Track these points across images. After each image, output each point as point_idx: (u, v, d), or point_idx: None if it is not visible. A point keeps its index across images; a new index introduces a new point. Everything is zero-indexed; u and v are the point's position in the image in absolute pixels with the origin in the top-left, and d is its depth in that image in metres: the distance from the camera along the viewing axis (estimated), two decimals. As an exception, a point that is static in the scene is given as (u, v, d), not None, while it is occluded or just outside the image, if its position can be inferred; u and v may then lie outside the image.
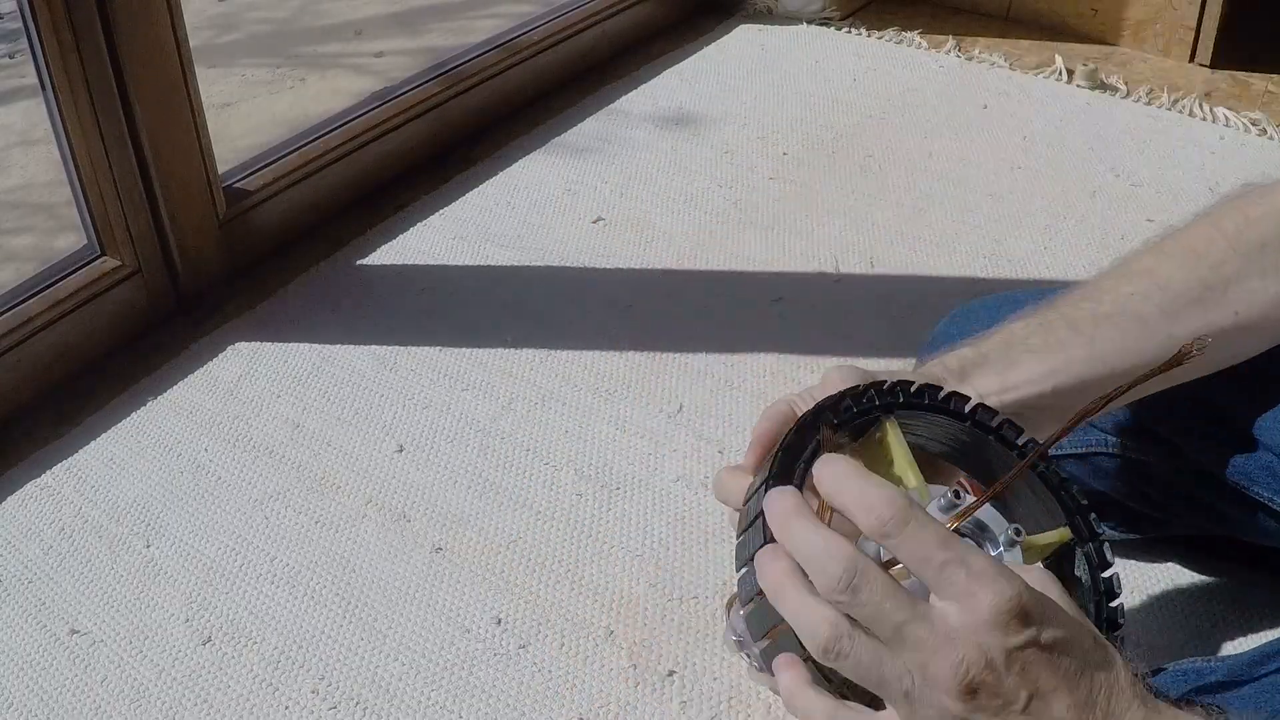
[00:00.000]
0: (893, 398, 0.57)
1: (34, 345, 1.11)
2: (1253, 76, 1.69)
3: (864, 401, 0.57)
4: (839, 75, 1.70)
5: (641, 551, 0.95)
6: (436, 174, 1.48)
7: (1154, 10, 1.75)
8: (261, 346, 1.19)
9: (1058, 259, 1.29)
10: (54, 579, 0.94)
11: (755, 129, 1.56)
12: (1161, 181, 1.43)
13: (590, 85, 1.68)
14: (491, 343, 1.19)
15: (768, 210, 1.39)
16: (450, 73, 1.55)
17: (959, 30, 1.84)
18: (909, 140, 1.53)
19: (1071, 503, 0.57)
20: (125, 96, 1.12)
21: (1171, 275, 0.65)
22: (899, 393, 0.57)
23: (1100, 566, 0.56)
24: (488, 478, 1.03)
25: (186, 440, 1.08)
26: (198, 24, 2.39)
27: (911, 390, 0.58)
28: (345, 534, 0.98)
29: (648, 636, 0.88)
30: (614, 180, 1.46)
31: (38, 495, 1.02)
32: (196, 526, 0.99)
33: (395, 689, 0.85)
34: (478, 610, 0.91)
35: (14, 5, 1.11)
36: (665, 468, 1.03)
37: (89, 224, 1.16)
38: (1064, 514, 0.57)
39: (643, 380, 1.13)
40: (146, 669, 0.87)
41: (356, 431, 1.08)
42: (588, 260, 1.32)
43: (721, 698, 0.83)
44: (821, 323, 1.20)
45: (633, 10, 1.77)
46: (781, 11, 1.86)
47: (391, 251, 1.34)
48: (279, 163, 1.35)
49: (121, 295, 1.18)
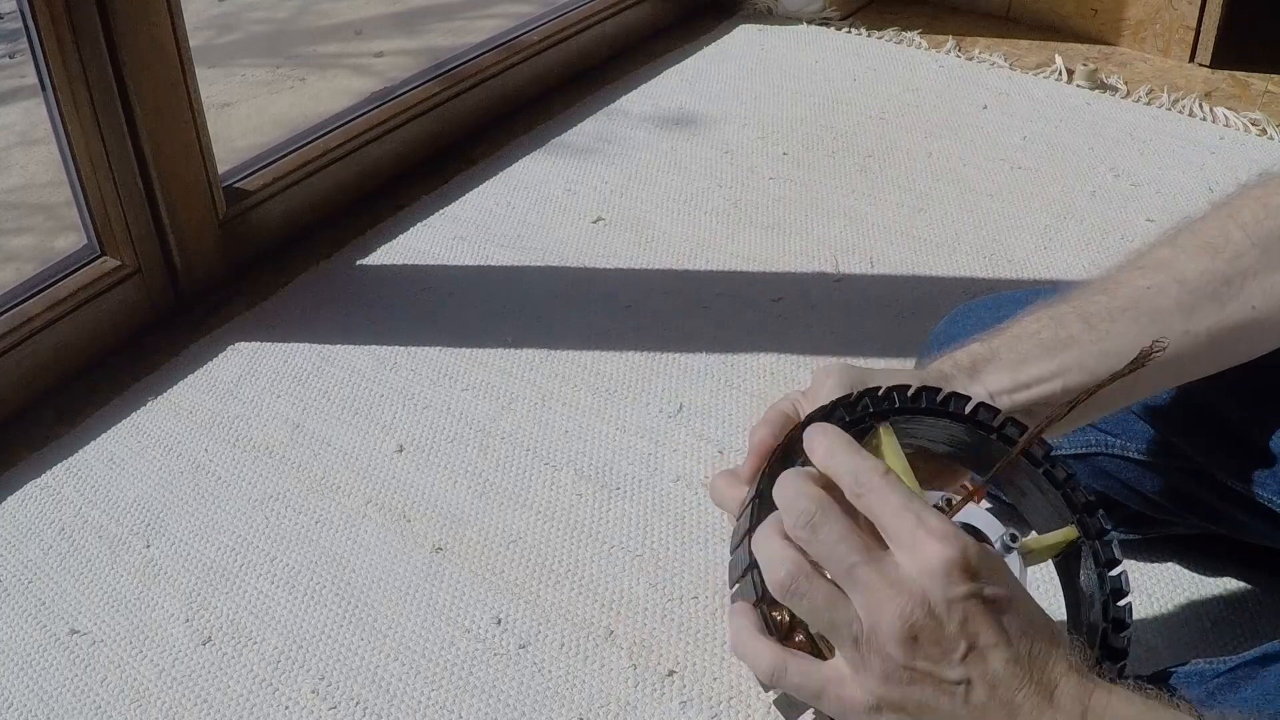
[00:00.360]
0: (888, 404, 0.57)
1: (34, 345, 1.11)
2: (1253, 76, 1.69)
3: (857, 410, 0.57)
4: (839, 75, 1.70)
5: (641, 551, 0.95)
6: (436, 174, 1.48)
7: (1154, 10, 1.75)
8: (261, 346, 1.19)
9: (1058, 259, 1.29)
10: (54, 579, 0.94)
11: (755, 129, 1.56)
12: (1161, 181, 1.43)
13: (590, 85, 1.68)
14: (491, 343, 1.19)
15: (768, 210, 1.39)
16: (450, 73, 1.55)
17: (959, 30, 1.84)
18: (909, 140, 1.53)
19: (1079, 499, 0.57)
20: (125, 96, 1.12)
21: (1187, 269, 0.64)
22: (894, 398, 0.57)
23: (1108, 564, 0.55)
24: (488, 478, 1.03)
25: (186, 440, 1.08)
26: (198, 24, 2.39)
27: (908, 395, 0.58)
28: (345, 534, 0.98)
29: (648, 636, 0.88)
30: (614, 180, 1.46)
31: (38, 495, 1.02)
32: (196, 526, 0.99)
33: (395, 689, 0.85)
34: (478, 610, 0.91)
35: (14, 5, 1.11)
36: (665, 468, 1.03)
37: (89, 224, 1.17)
38: (1071, 511, 0.56)
39: (643, 380, 1.13)
40: (146, 669, 0.87)
41: (356, 431, 1.08)
42: (588, 260, 1.32)
43: (721, 698, 0.83)
44: (821, 323, 1.20)
45: (633, 10, 1.77)
46: (781, 11, 1.86)
47: (391, 251, 1.34)
48: (279, 163, 1.35)
49: (121, 295, 1.18)
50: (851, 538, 0.50)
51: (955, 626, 0.48)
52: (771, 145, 1.52)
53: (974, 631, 0.48)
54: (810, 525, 0.50)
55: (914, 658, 0.48)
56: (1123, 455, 0.82)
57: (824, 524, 0.50)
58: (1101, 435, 0.83)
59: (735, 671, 0.85)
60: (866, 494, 0.51)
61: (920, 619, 0.48)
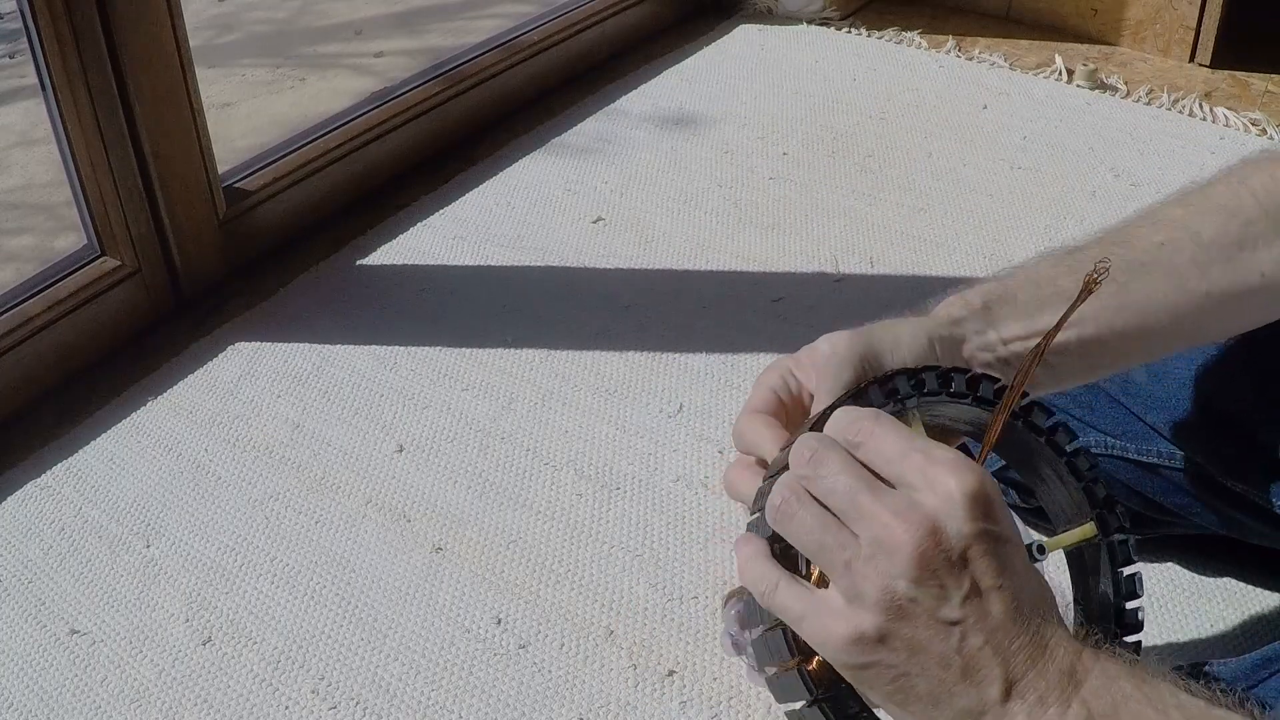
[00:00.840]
0: (916, 388, 0.56)
1: (34, 345, 1.11)
2: (1253, 76, 1.69)
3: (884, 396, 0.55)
4: (839, 75, 1.70)
5: (641, 551, 0.95)
6: (436, 174, 1.48)
7: (1154, 10, 1.75)
8: (261, 346, 1.19)
9: (1058, 259, 1.29)
10: (54, 579, 0.94)
11: (755, 129, 1.56)
12: (1161, 181, 1.43)
13: (590, 85, 1.68)
14: (491, 343, 1.19)
15: (768, 210, 1.39)
16: (450, 73, 1.55)
17: (959, 30, 1.84)
18: (909, 140, 1.53)
19: (1100, 495, 0.56)
20: (125, 96, 1.12)
21: (1202, 228, 0.63)
22: (924, 381, 0.56)
23: (1123, 563, 0.55)
24: (488, 478, 1.03)
25: (186, 440, 1.08)
26: (198, 24, 2.39)
27: (936, 378, 0.56)
28: (345, 534, 0.98)
29: (648, 636, 0.88)
30: (614, 180, 1.46)
31: (38, 495, 1.02)
32: (196, 526, 0.99)
33: (395, 689, 0.85)
34: (478, 610, 0.91)
35: (14, 5, 1.11)
36: (665, 468, 1.03)
37: (89, 224, 1.17)
38: (1091, 506, 0.55)
39: (643, 380, 1.13)
40: (146, 669, 0.87)
41: (356, 431, 1.08)
42: (588, 260, 1.32)
43: (721, 698, 0.83)
44: (821, 323, 1.18)
45: (633, 10, 1.77)
46: (781, 11, 1.86)
47: (391, 251, 1.34)
48: (279, 163, 1.35)
49: (121, 295, 1.18)
50: (854, 468, 0.48)
51: (962, 562, 0.46)
52: (771, 145, 1.52)
53: (980, 571, 0.46)
54: (812, 460, 0.49)
55: (914, 588, 0.45)
56: (1122, 456, 0.82)
57: (826, 458, 0.49)
58: (1101, 436, 0.83)
59: (735, 671, 0.85)
60: (865, 440, 0.49)
61: (931, 548, 0.45)
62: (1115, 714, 0.45)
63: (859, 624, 0.46)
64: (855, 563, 0.47)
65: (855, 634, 0.46)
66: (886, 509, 0.46)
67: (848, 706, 0.49)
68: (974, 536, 0.46)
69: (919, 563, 0.45)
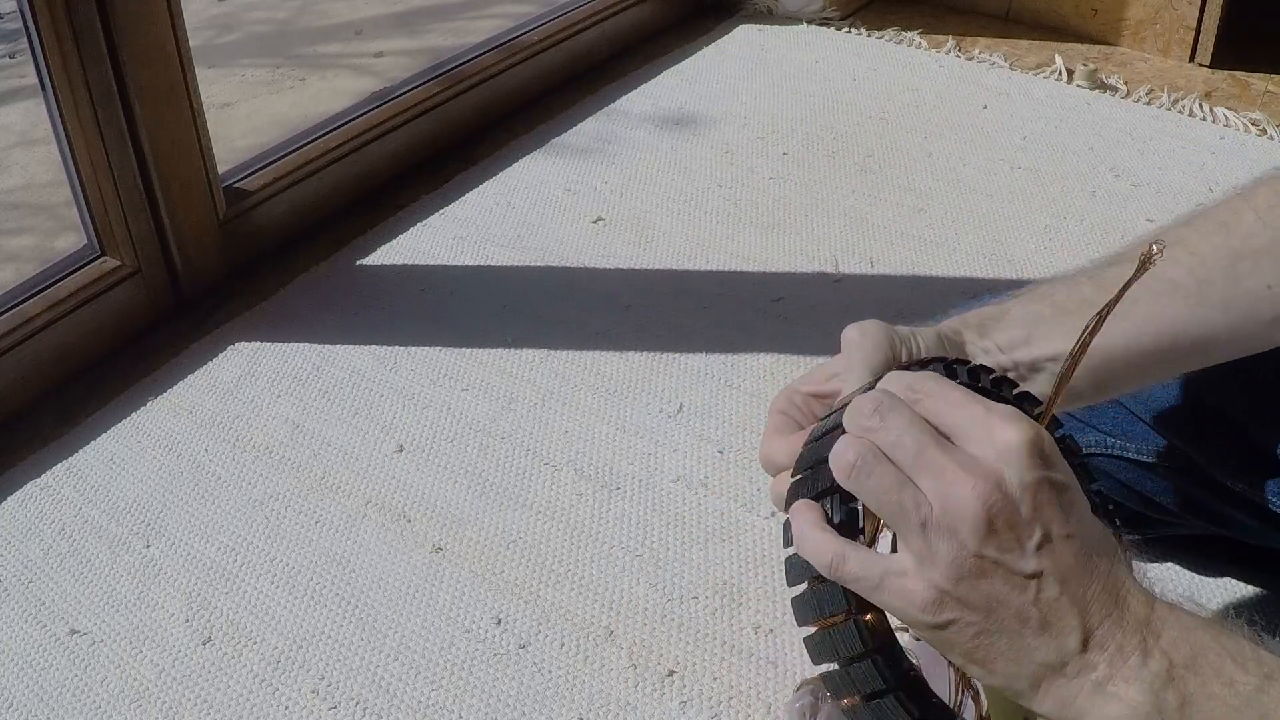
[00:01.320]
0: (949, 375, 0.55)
1: (34, 345, 1.11)
2: (1253, 76, 1.69)
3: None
4: (839, 75, 1.70)
5: (641, 551, 0.95)
6: (436, 174, 1.48)
7: (1154, 10, 1.75)
8: (261, 346, 1.19)
9: (1058, 259, 1.29)
10: (54, 579, 0.94)
11: (755, 129, 1.56)
12: (1161, 181, 1.43)
13: (590, 85, 1.68)
14: (491, 343, 1.19)
15: (768, 210, 1.39)
16: (450, 73, 1.55)
17: (959, 30, 1.84)
18: (909, 140, 1.53)
19: (1098, 500, 0.56)
20: (125, 96, 1.12)
21: (1200, 244, 0.64)
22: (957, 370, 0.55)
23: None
24: (488, 478, 1.03)
25: (186, 440, 1.08)
26: (198, 24, 2.39)
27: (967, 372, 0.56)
28: (345, 534, 0.98)
29: (648, 636, 0.88)
30: (614, 180, 1.46)
31: (38, 495, 1.02)
32: (196, 526, 0.99)
33: (395, 689, 0.85)
34: (478, 610, 0.91)
35: (14, 5, 1.11)
36: (665, 468, 1.03)
37: (89, 224, 1.17)
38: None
39: (643, 380, 1.13)
40: (146, 669, 0.87)
41: (356, 431, 1.08)
42: (588, 260, 1.32)
43: (721, 698, 0.83)
44: (821, 323, 1.20)
45: (633, 10, 1.77)
46: (781, 11, 1.86)
47: (391, 251, 1.34)
48: (279, 163, 1.35)
49: (121, 295, 1.18)
50: (920, 423, 0.48)
51: (1030, 512, 0.46)
52: (771, 145, 1.52)
53: (1048, 519, 0.46)
54: (877, 412, 0.48)
55: (987, 545, 0.45)
56: (1122, 456, 0.82)
57: (891, 411, 0.48)
58: (1101, 436, 0.83)
59: (735, 671, 0.85)
60: (925, 397, 0.49)
61: (997, 502, 0.45)
62: (1195, 665, 0.45)
63: (938, 582, 0.46)
64: (929, 523, 0.46)
65: (935, 594, 0.46)
66: (954, 462, 0.47)
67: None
68: (1037, 484, 0.46)
69: (990, 516, 0.45)
